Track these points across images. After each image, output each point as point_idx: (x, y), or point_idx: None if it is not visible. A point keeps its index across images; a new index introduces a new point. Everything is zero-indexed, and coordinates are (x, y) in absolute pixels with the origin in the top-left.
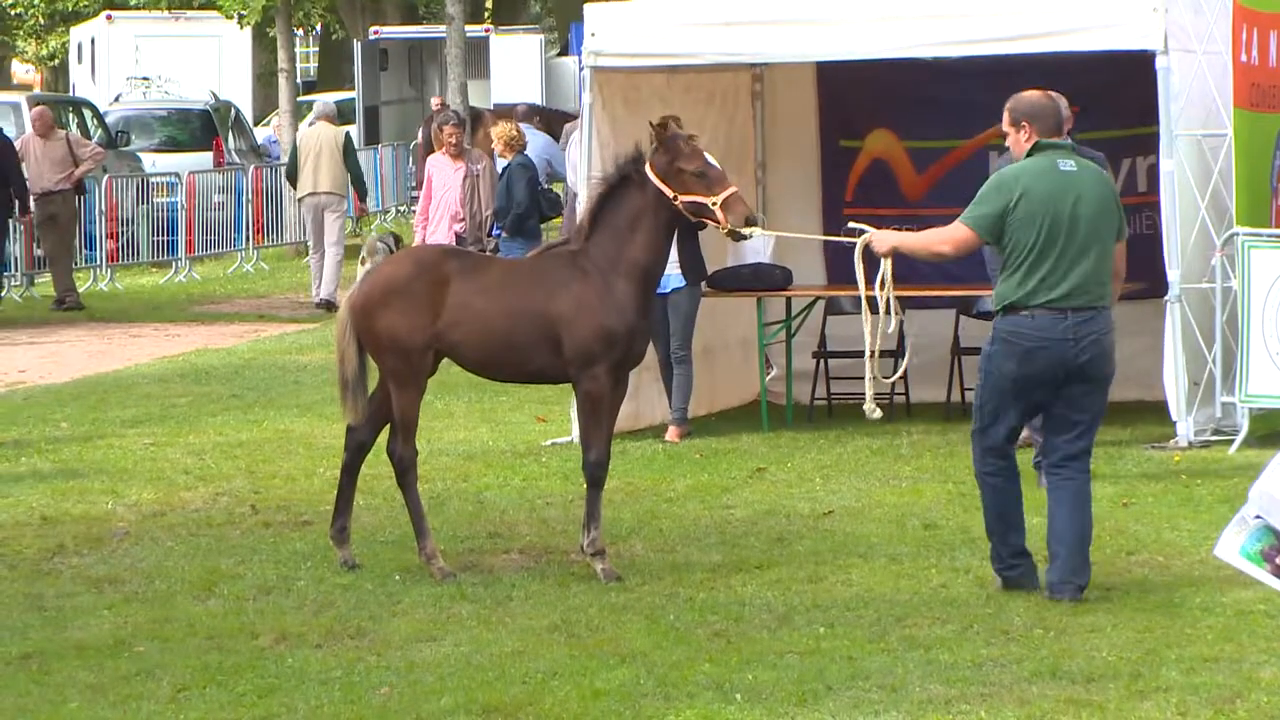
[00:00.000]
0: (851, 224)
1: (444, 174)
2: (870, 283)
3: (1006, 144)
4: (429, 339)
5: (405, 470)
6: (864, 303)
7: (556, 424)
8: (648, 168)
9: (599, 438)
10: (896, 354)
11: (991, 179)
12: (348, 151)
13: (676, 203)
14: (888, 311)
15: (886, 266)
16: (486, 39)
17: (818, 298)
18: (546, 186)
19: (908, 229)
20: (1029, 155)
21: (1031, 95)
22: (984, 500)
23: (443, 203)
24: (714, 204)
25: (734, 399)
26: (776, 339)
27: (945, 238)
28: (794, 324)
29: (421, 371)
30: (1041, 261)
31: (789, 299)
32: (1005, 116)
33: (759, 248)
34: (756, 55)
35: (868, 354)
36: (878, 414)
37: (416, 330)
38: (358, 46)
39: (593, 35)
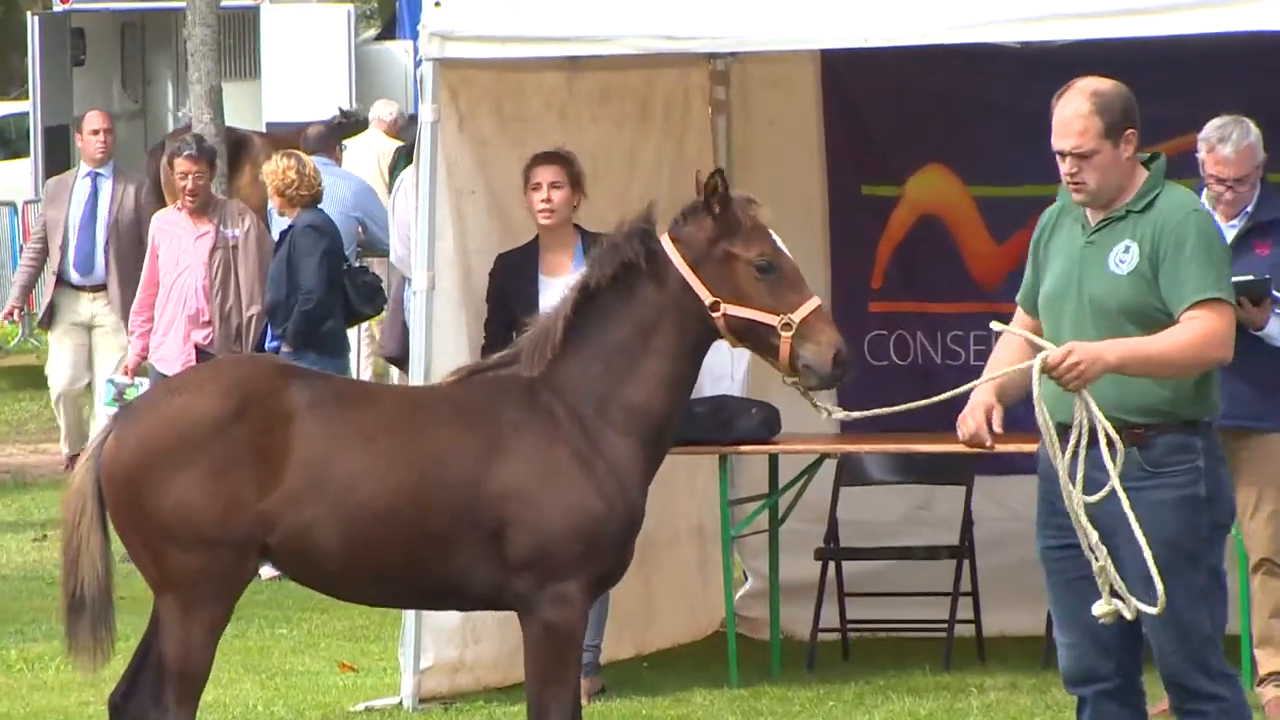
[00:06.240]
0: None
1: (178, 243)
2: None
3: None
4: (255, 526)
5: None
6: (1062, 470)
7: (373, 674)
8: (667, 243)
9: (562, 700)
10: (960, 549)
11: (1206, 229)
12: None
13: (716, 315)
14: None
15: (1091, 405)
16: (255, 11)
17: (824, 456)
18: (357, 264)
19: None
20: (1164, 184)
21: (1111, 83)
22: None
23: (176, 292)
24: (782, 326)
25: (682, 629)
26: (752, 527)
27: (1207, 331)
28: (783, 502)
29: (231, 585)
30: None
31: (773, 457)
32: (1084, 124)
33: (725, 367)
34: (719, 39)
35: (1088, 545)
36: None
37: (234, 510)
38: (34, 25)
39: (437, 6)
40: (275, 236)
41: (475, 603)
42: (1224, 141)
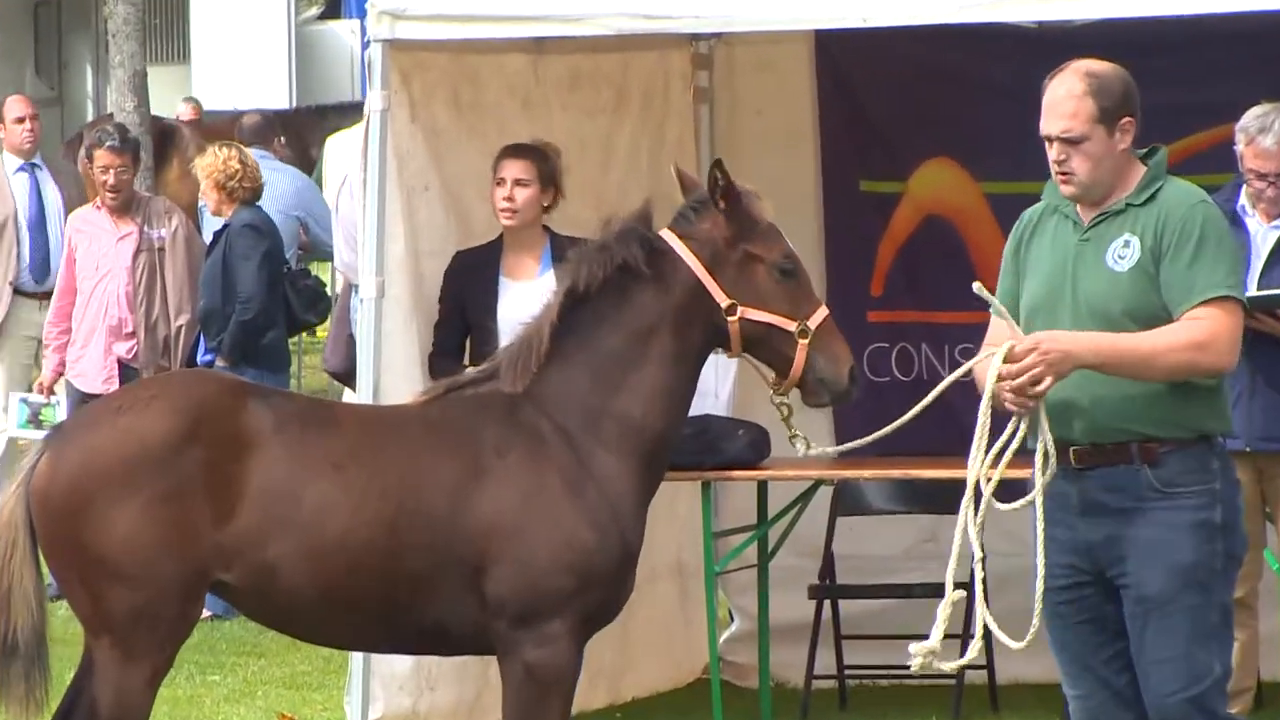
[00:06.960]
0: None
1: (98, 245)
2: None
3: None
4: (207, 562)
5: None
6: (973, 475)
7: None
8: (675, 241)
9: None
10: (970, 587)
11: (1215, 221)
12: None
13: (732, 319)
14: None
15: (1041, 414)
16: None
17: (818, 483)
18: (298, 266)
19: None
20: (1166, 177)
21: (1110, 66)
22: None
23: (96, 300)
24: (799, 332)
25: (661, 676)
26: (738, 562)
27: (1211, 332)
28: (773, 534)
29: (176, 630)
30: None
31: (762, 484)
32: (1076, 105)
33: (709, 383)
34: (702, 19)
35: (951, 570)
36: None
37: (185, 544)
38: None
39: None
40: (207, 237)
41: (456, 645)
42: (1264, 132)
